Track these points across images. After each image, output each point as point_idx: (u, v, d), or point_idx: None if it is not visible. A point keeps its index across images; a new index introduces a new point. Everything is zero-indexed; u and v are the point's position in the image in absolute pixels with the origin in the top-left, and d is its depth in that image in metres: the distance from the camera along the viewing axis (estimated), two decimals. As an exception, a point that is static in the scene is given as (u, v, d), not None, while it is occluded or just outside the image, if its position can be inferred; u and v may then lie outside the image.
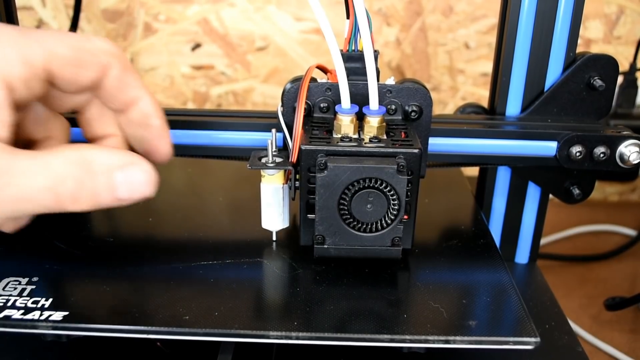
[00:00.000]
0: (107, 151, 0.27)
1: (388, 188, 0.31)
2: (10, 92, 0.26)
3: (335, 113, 0.34)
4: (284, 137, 0.37)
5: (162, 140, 0.32)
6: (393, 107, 0.36)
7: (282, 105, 0.37)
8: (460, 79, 0.71)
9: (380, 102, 0.34)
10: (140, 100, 0.31)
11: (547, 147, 0.39)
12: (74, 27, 0.58)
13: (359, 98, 0.34)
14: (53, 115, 0.31)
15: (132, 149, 0.32)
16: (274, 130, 0.35)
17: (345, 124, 0.34)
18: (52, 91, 0.29)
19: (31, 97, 0.27)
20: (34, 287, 0.31)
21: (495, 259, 0.36)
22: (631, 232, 0.64)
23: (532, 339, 0.29)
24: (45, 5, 0.68)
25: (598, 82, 0.39)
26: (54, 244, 0.35)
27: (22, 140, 0.30)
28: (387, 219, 0.32)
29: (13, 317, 0.29)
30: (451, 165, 0.47)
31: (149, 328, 0.29)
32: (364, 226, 0.32)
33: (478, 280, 0.34)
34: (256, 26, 0.69)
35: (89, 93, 0.30)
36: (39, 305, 0.30)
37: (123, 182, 0.27)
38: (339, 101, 0.34)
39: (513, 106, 0.41)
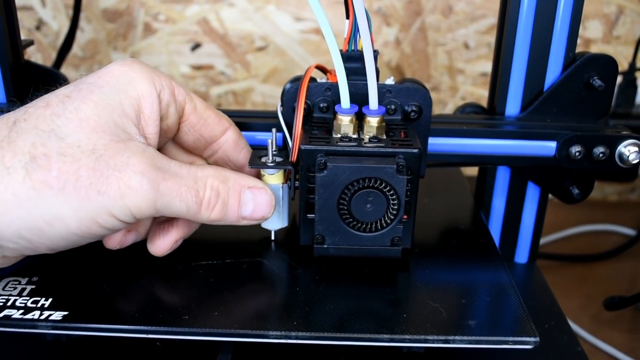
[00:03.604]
0: (241, 174, 0.32)
1: (388, 188, 0.31)
2: (161, 110, 0.31)
3: (334, 113, 0.34)
4: (284, 137, 0.37)
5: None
6: (393, 107, 0.36)
7: (281, 105, 0.37)
8: (459, 78, 0.71)
9: (380, 102, 0.34)
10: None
11: (547, 147, 0.39)
12: (73, 27, 0.58)
13: (359, 98, 0.34)
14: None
15: None
16: (274, 130, 0.35)
17: (344, 123, 0.34)
18: (172, 145, 0.35)
19: (167, 126, 0.32)
20: (33, 286, 0.31)
21: (495, 258, 0.36)
22: (630, 232, 0.64)
23: (532, 339, 0.29)
24: (45, 5, 0.68)
25: (597, 82, 0.39)
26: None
27: None
28: (386, 218, 0.32)
29: (13, 316, 0.29)
30: (451, 165, 0.47)
31: (149, 328, 0.29)
32: (364, 226, 0.32)
33: (477, 280, 0.34)
34: (256, 26, 0.69)
35: (198, 154, 0.35)
36: (39, 305, 0.30)
37: (250, 200, 0.32)
38: (338, 101, 0.34)
39: (512, 106, 0.41)
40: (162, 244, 0.33)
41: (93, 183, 0.27)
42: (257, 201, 0.32)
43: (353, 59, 0.35)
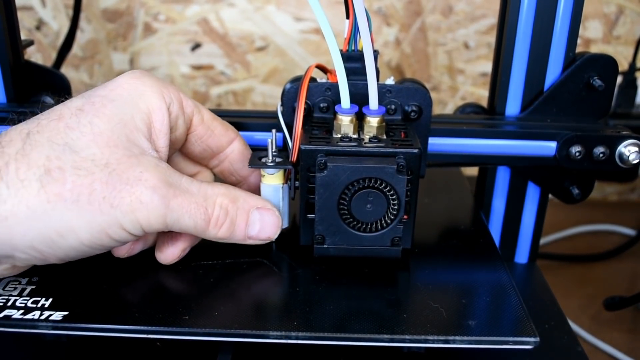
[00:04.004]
0: (250, 194, 0.33)
1: (388, 188, 0.31)
2: (168, 119, 0.31)
3: (335, 113, 0.34)
4: (284, 137, 0.37)
5: None
6: (393, 107, 0.36)
7: (281, 105, 0.37)
8: (459, 78, 0.71)
9: (380, 102, 0.34)
10: (253, 175, 0.36)
11: (547, 147, 0.39)
12: (73, 27, 0.58)
13: (359, 98, 0.34)
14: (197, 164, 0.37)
15: None
16: (274, 130, 0.35)
17: (345, 123, 0.34)
18: (179, 156, 0.35)
19: (175, 140, 0.33)
20: (34, 287, 0.31)
21: (495, 258, 0.36)
22: (630, 232, 0.64)
23: (532, 339, 0.29)
24: (45, 5, 0.68)
25: (597, 82, 0.39)
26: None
27: None
28: (386, 218, 0.32)
29: (13, 316, 0.29)
30: (451, 165, 0.47)
31: (149, 328, 0.29)
32: (364, 226, 0.32)
33: (477, 280, 0.34)
34: (256, 26, 0.69)
35: (207, 168, 0.36)
36: (39, 305, 0.30)
37: (257, 220, 0.32)
38: (338, 101, 0.34)
39: (512, 106, 0.41)
40: (171, 253, 0.33)
41: (106, 197, 0.28)
42: (265, 221, 0.32)
43: (353, 59, 0.35)
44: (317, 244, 0.32)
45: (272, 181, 0.35)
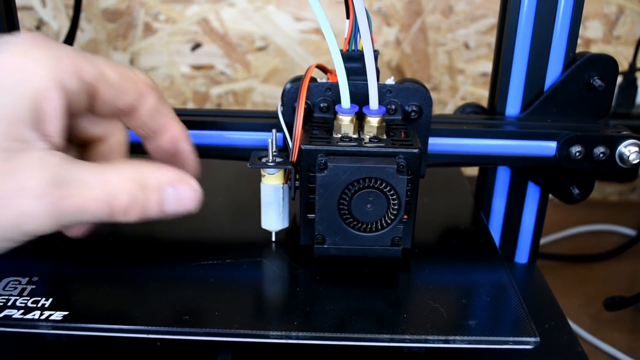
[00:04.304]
0: (160, 168, 0.29)
1: (388, 188, 0.31)
2: (67, 101, 0.27)
3: (335, 113, 0.34)
4: (284, 137, 0.37)
5: (191, 164, 0.34)
6: (393, 107, 0.36)
7: (282, 105, 0.37)
8: (460, 78, 0.71)
9: (380, 102, 0.34)
10: (171, 126, 0.33)
11: (547, 147, 0.39)
12: (74, 27, 0.58)
13: (359, 98, 0.35)
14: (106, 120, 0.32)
15: None
16: (274, 130, 0.35)
17: (345, 123, 0.34)
18: (85, 116, 0.31)
19: (76, 111, 0.29)
20: (34, 286, 0.31)
21: (495, 258, 0.36)
22: (630, 232, 0.64)
23: (532, 339, 0.29)
24: (45, 5, 0.68)
25: (598, 82, 0.39)
26: (54, 244, 0.35)
27: (77, 140, 0.31)
28: (387, 218, 0.32)
29: (13, 316, 0.29)
30: (451, 165, 0.47)
31: (149, 328, 0.29)
32: (364, 226, 0.32)
33: (478, 280, 0.34)
34: (256, 26, 0.69)
35: (118, 120, 0.32)
36: (39, 305, 0.30)
37: (172, 197, 0.29)
38: (339, 101, 0.34)
39: (513, 106, 0.41)
40: (77, 229, 0.31)
41: None
42: (181, 196, 0.29)
43: (353, 59, 0.35)
44: (317, 244, 0.32)
45: (272, 181, 0.35)
